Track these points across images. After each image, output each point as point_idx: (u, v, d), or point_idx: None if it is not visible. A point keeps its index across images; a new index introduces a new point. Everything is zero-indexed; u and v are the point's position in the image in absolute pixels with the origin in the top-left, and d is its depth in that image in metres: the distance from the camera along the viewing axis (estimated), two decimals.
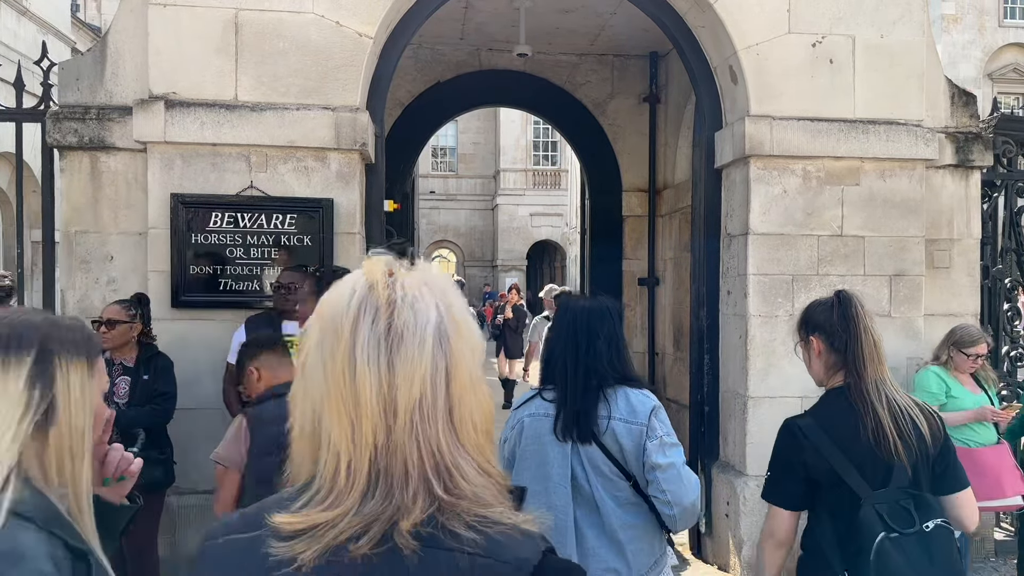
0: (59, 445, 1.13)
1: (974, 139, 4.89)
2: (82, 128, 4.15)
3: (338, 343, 0.87)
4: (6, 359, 1.11)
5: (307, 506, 0.86)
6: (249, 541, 0.88)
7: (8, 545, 0.98)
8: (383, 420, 0.86)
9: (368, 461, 0.85)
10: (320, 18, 4.17)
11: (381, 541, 0.83)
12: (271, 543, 0.84)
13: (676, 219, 7.19)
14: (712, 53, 4.79)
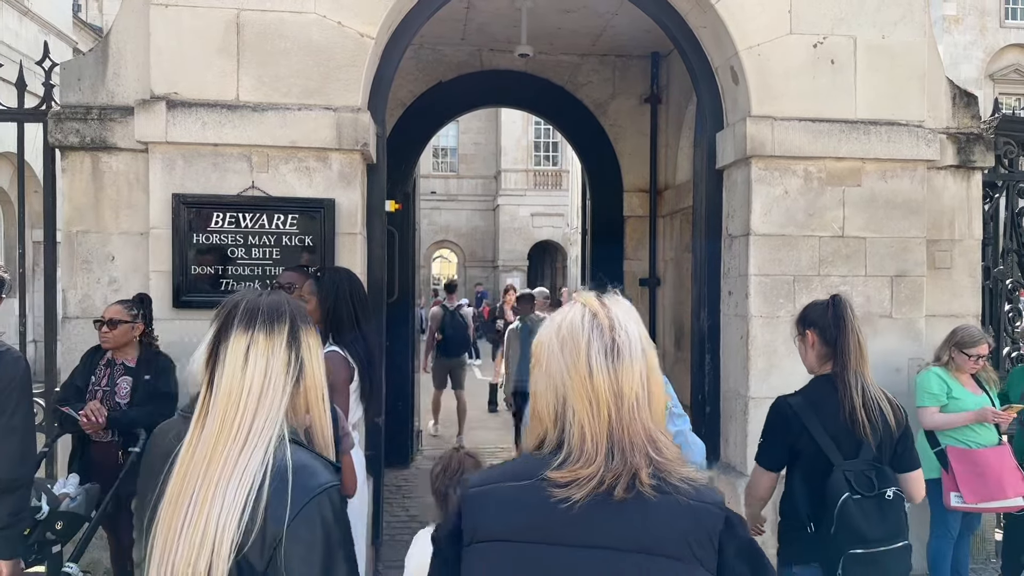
0: (306, 394, 1.49)
1: (975, 140, 4.89)
2: (84, 128, 4.15)
3: (578, 353, 1.27)
4: (271, 330, 1.47)
5: (566, 464, 1.26)
6: (527, 487, 1.27)
7: (303, 461, 1.41)
8: (614, 406, 1.26)
9: (606, 435, 1.25)
10: (322, 18, 4.18)
11: (629, 488, 1.24)
12: (550, 489, 1.24)
13: (677, 219, 7.19)
14: (713, 54, 4.79)
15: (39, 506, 3.17)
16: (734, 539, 1.28)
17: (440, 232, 31.28)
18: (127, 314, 3.65)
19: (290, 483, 1.35)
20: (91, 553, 3.80)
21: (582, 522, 1.24)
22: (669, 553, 1.24)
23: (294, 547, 1.33)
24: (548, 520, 1.25)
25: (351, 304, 3.33)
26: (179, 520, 1.35)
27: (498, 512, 1.29)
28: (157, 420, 3.58)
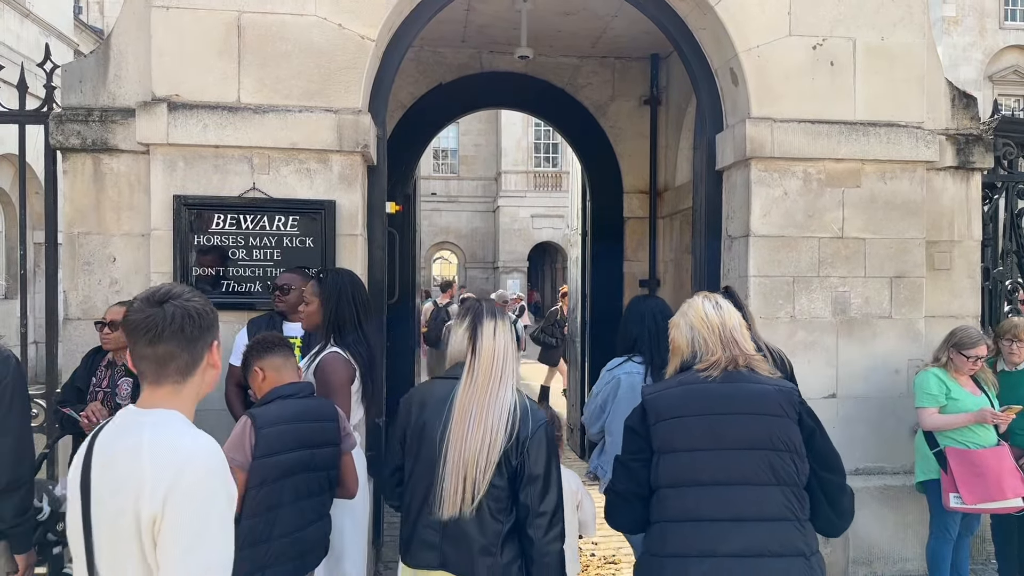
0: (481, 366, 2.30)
1: (975, 141, 4.90)
2: (85, 130, 4.17)
3: (701, 308, 2.44)
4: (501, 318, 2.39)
5: (702, 362, 2.36)
6: (686, 382, 2.36)
7: (528, 402, 2.34)
8: (721, 330, 2.39)
9: (719, 343, 2.37)
10: (323, 20, 4.19)
11: (737, 367, 2.35)
12: (699, 375, 2.34)
13: (677, 221, 7.20)
14: (713, 55, 4.80)
15: (40, 507, 3.18)
16: (805, 406, 2.37)
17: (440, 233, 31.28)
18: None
19: (529, 412, 2.29)
20: None
21: (722, 399, 2.30)
22: (774, 413, 2.30)
23: (533, 449, 2.25)
24: (703, 401, 2.31)
25: (353, 306, 3.35)
26: (466, 427, 2.23)
27: (671, 401, 2.34)
28: None
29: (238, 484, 2.64)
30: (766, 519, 2.22)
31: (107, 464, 1.61)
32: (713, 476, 2.23)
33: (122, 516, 1.54)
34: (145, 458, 1.54)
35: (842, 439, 4.59)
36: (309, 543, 2.78)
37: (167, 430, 1.60)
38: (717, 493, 2.22)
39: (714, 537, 2.20)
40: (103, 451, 1.63)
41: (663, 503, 2.28)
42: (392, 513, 5.85)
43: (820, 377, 4.58)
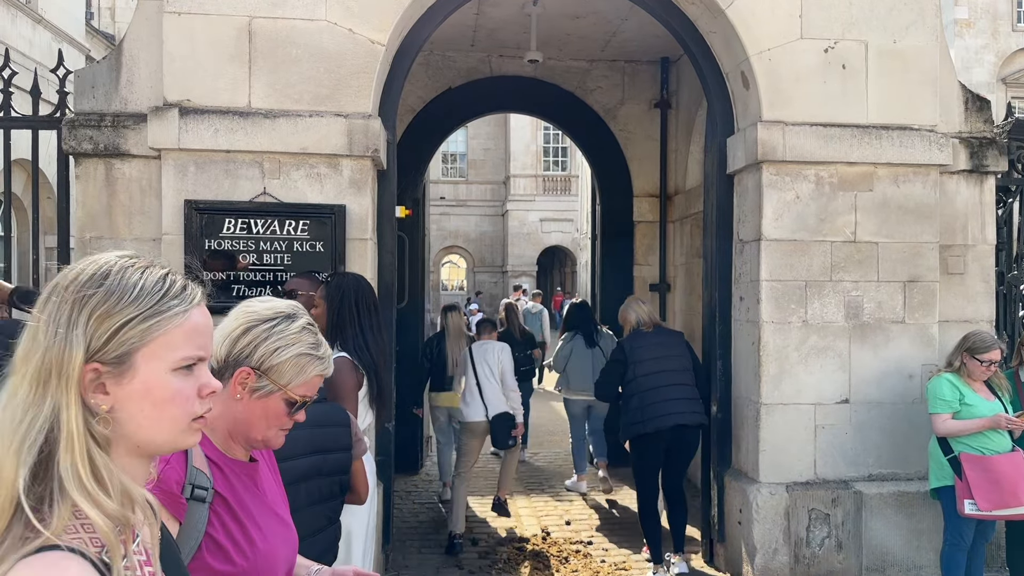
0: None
1: (988, 144, 4.86)
2: (97, 135, 4.19)
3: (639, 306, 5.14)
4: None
5: (642, 326, 5.03)
6: (640, 331, 4.99)
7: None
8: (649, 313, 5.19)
9: (648, 319, 5.08)
10: (333, 25, 4.20)
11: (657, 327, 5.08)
12: (643, 330, 4.99)
13: (688, 225, 7.17)
14: (724, 59, 4.78)
15: None
16: (689, 344, 5.01)
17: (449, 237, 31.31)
18: None
19: None
20: None
21: (655, 337, 4.91)
22: (680, 343, 4.96)
23: None
24: (648, 338, 4.87)
25: (355, 309, 3.33)
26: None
27: (634, 341, 4.88)
28: None
29: None
30: (687, 384, 4.80)
31: None
32: (657, 368, 4.76)
33: None
34: None
35: (855, 445, 4.56)
36: (320, 548, 2.77)
37: None
38: (661, 378, 4.74)
39: (660, 391, 4.70)
40: None
41: (636, 382, 4.77)
42: (402, 518, 5.87)
43: (832, 382, 4.54)
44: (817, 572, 4.49)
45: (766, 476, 4.49)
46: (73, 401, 0.90)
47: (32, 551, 0.84)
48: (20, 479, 0.86)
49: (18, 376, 0.92)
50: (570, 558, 5.20)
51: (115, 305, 0.95)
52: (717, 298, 4.93)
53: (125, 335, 0.94)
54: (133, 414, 0.95)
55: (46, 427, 0.88)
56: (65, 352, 0.91)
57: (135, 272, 0.99)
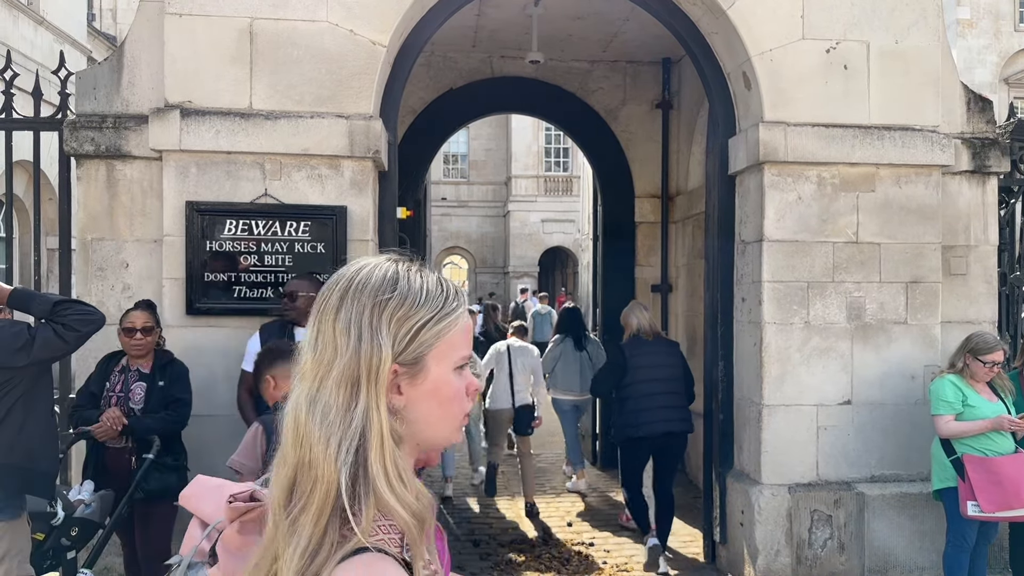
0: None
1: (991, 145, 4.85)
2: (98, 137, 4.19)
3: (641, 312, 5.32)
4: None
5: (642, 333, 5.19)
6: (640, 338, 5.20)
7: None
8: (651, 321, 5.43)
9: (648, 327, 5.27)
10: (334, 27, 4.19)
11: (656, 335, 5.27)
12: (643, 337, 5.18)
13: (689, 225, 7.16)
14: (725, 59, 4.78)
15: (54, 512, 3.19)
16: (682, 354, 5.33)
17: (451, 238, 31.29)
18: (154, 320, 3.69)
19: None
20: (105, 559, 3.81)
21: (654, 345, 5.09)
22: (675, 353, 5.23)
23: None
24: (646, 345, 5.06)
25: None
26: None
27: (633, 346, 5.07)
28: (172, 426, 3.64)
29: None
30: (677, 393, 5.05)
31: None
32: (652, 376, 4.98)
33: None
34: None
35: (857, 446, 4.55)
36: None
37: None
38: (655, 386, 4.95)
39: (653, 399, 4.93)
40: None
41: (632, 387, 4.99)
42: None
43: (835, 383, 4.53)
44: (819, 573, 4.48)
45: (768, 477, 4.48)
46: (382, 403, 0.92)
47: (349, 553, 0.87)
48: (343, 482, 0.88)
49: (314, 380, 0.93)
50: (571, 559, 5.20)
51: (411, 308, 0.96)
52: (719, 299, 4.93)
53: (422, 337, 0.96)
54: (422, 413, 0.97)
55: (359, 429, 0.90)
56: (374, 355, 0.92)
57: (415, 275, 0.99)
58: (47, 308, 3.11)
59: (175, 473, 3.65)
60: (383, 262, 0.99)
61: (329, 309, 0.96)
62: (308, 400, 0.92)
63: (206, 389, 3.96)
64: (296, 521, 0.88)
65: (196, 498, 1.46)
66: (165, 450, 3.58)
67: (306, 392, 0.93)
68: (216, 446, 3.61)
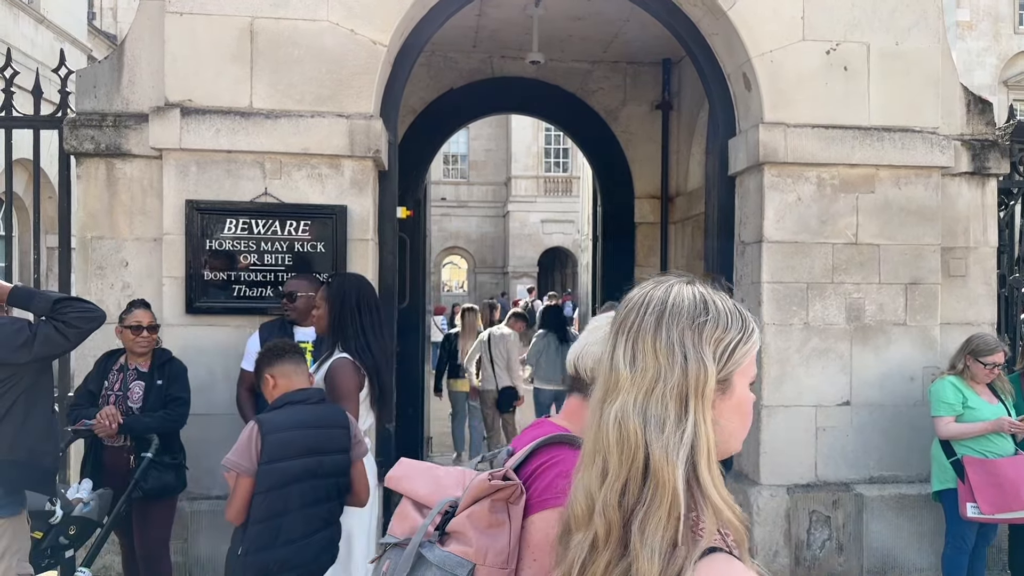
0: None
1: (990, 147, 4.85)
2: (98, 135, 4.18)
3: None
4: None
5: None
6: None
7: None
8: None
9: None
10: (335, 26, 4.19)
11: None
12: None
13: (689, 226, 7.17)
14: (726, 60, 4.78)
15: (53, 510, 3.19)
16: None
17: (450, 238, 31.29)
18: (154, 319, 3.69)
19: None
20: (103, 557, 3.81)
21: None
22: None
23: None
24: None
25: (356, 311, 3.33)
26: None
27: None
28: (170, 425, 3.64)
29: (244, 490, 2.64)
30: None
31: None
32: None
33: None
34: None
35: (856, 447, 4.55)
36: (314, 551, 2.76)
37: None
38: None
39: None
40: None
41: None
42: None
43: (834, 384, 4.53)
44: (818, 574, 4.48)
45: (767, 478, 4.48)
46: (708, 416, 1.01)
47: (703, 552, 0.95)
48: (681, 487, 0.97)
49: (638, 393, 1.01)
50: None
51: (724, 330, 1.05)
52: None
53: (734, 356, 1.05)
54: (726, 425, 1.07)
55: (690, 440, 0.99)
56: (700, 372, 1.01)
57: (717, 297, 1.08)
58: (48, 306, 3.11)
59: (173, 472, 3.66)
60: (683, 285, 1.09)
61: (646, 329, 1.04)
62: (637, 412, 1.00)
63: (205, 388, 3.95)
64: (644, 523, 0.96)
65: (408, 479, 1.48)
66: (164, 449, 3.58)
67: (632, 404, 1.01)
68: (215, 445, 3.60)
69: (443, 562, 1.30)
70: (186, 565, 4.03)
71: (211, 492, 4.02)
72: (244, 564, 2.60)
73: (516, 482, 1.33)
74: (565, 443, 1.42)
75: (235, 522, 2.68)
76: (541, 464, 1.38)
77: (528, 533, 1.32)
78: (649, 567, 0.94)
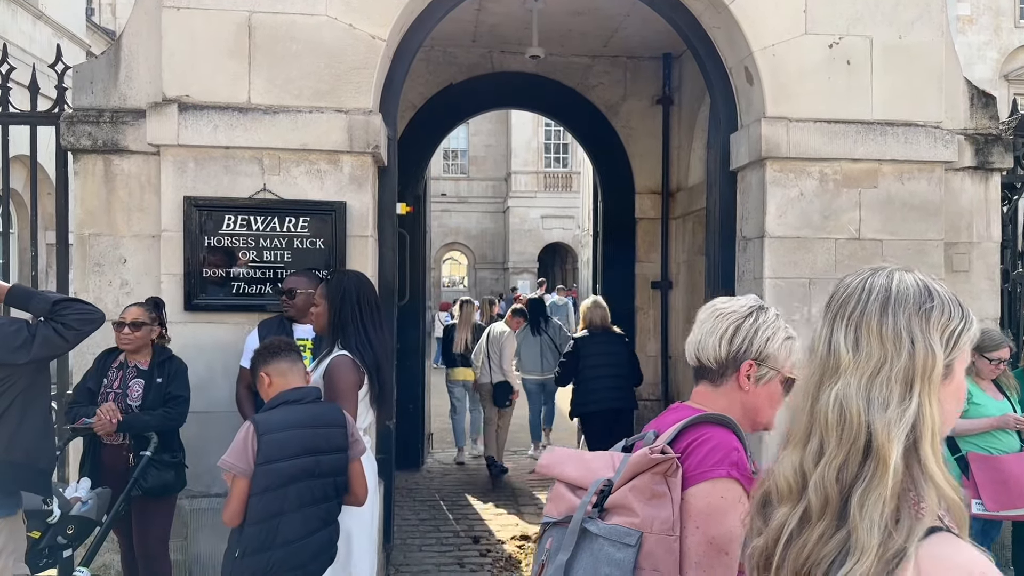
0: None
1: (994, 141, 4.82)
2: (96, 131, 4.15)
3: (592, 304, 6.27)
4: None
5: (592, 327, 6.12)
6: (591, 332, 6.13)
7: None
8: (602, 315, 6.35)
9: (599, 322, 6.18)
10: (333, 20, 4.16)
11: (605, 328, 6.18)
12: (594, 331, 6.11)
13: (690, 222, 7.14)
14: (727, 54, 4.75)
15: (51, 510, 3.16)
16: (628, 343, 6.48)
17: (450, 234, 31.27)
18: (147, 315, 3.66)
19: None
20: (102, 556, 3.79)
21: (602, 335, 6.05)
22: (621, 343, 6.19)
23: None
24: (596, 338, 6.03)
25: (357, 308, 3.30)
26: None
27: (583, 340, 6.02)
28: (169, 423, 3.62)
29: (240, 491, 2.61)
30: (621, 376, 5.88)
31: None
32: (600, 363, 5.83)
33: None
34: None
35: None
36: (313, 551, 2.74)
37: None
38: (602, 370, 5.81)
39: (601, 381, 5.83)
40: None
41: (583, 373, 5.85)
42: (403, 516, 5.85)
43: None
44: None
45: None
46: (935, 400, 1.04)
47: (927, 531, 0.98)
48: (900, 466, 1.00)
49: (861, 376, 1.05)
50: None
51: (948, 317, 1.08)
52: (720, 296, 4.89)
53: (959, 343, 1.08)
54: (945, 409, 1.09)
55: (911, 421, 1.02)
56: (929, 358, 1.05)
57: (937, 285, 1.12)
58: (46, 307, 3.09)
59: (173, 470, 3.63)
60: (903, 272, 1.13)
61: (871, 315, 1.08)
62: (860, 394, 1.04)
63: (205, 385, 3.93)
64: (864, 498, 1.00)
65: (559, 465, 1.61)
66: (163, 447, 3.56)
67: (855, 386, 1.05)
68: (215, 443, 3.57)
69: (610, 533, 1.42)
70: (186, 563, 4.01)
71: (211, 490, 4.00)
72: (241, 566, 2.58)
73: (674, 455, 1.45)
74: (711, 422, 1.56)
75: (232, 524, 2.65)
76: (693, 441, 1.51)
77: (687, 503, 1.45)
78: (868, 539, 0.98)
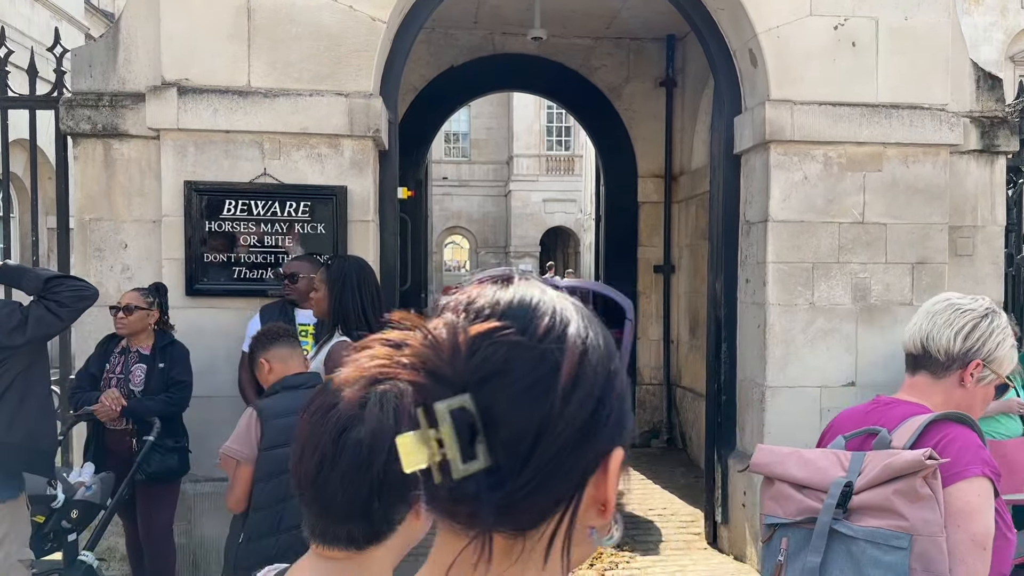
0: None
1: (1000, 124, 4.78)
2: (95, 115, 4.13)
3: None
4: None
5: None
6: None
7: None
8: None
9: None
10: (333, 2, 4.12)
11: None
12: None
13: (692, 205, 7.11)
14: (731, 36, 4.70)
15: (55, 495, 3.18)
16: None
17: (452, 218, 31.20)
18: (143, 301, 3.65)
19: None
20: (107, 540, 3.81)
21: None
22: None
23: None
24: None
25: (358, 295, 3.28)
26: None
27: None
28: (171, 409, 3.63)
29: (244, 478, 2.61)
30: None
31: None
32: None
33: None
34: None
35: None
36: None
37: None
38: None
39: None
40: None
41: None
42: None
43: (839, 365, 4.50)
44: None
45: None
46: None
47: None
48: None
49: None
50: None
51: None
52: (722, 280, 4.89)
53: None
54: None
55: None
56: None
57: None
58: (39, 285, 3.08)
59: (176, 455, 3.65)
60: None
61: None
62: None
63: (207, 370, 3.93)
64: None
65: (779, 464, 1.69)
66: (166, 432, 3.57)
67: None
68: (218, 427, 3.58)
69: (873, 536, 1.44)
70: (190, 547, 4.03)
71: (214, 474, 3.99)
72: (247, 551, 2.59)
73: (945, 460, 1.45)
74: (951, 420, 1.57)
75: (236, 510, 2.66)
76: (940, 440, 1.51)
77: (946, 504, 1.45)
78: None
